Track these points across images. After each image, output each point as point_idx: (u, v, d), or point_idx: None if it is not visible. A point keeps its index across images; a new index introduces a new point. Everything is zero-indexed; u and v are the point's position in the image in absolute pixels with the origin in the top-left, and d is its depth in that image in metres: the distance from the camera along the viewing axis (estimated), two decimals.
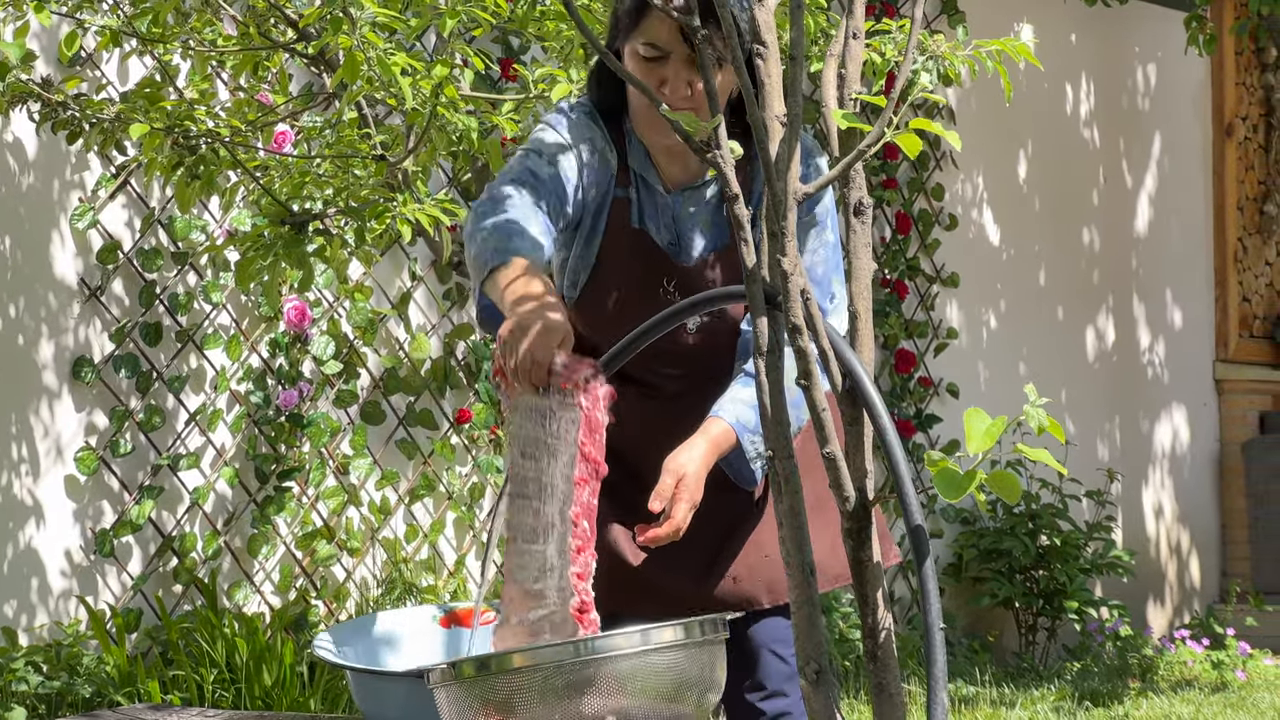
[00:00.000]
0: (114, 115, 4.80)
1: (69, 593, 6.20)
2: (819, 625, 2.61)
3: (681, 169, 3.59)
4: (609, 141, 3.57)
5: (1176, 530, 10.26)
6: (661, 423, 3.57)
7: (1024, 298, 9.55)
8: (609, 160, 3.55)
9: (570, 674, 2.67)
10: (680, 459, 3.36)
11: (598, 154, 3.53)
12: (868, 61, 4.88)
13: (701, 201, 3.60)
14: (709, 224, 3.60)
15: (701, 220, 3.60)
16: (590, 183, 3.52)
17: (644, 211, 3.60)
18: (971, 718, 7.00)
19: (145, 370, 6.39)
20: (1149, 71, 10.36)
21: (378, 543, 6.96)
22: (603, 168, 3.54)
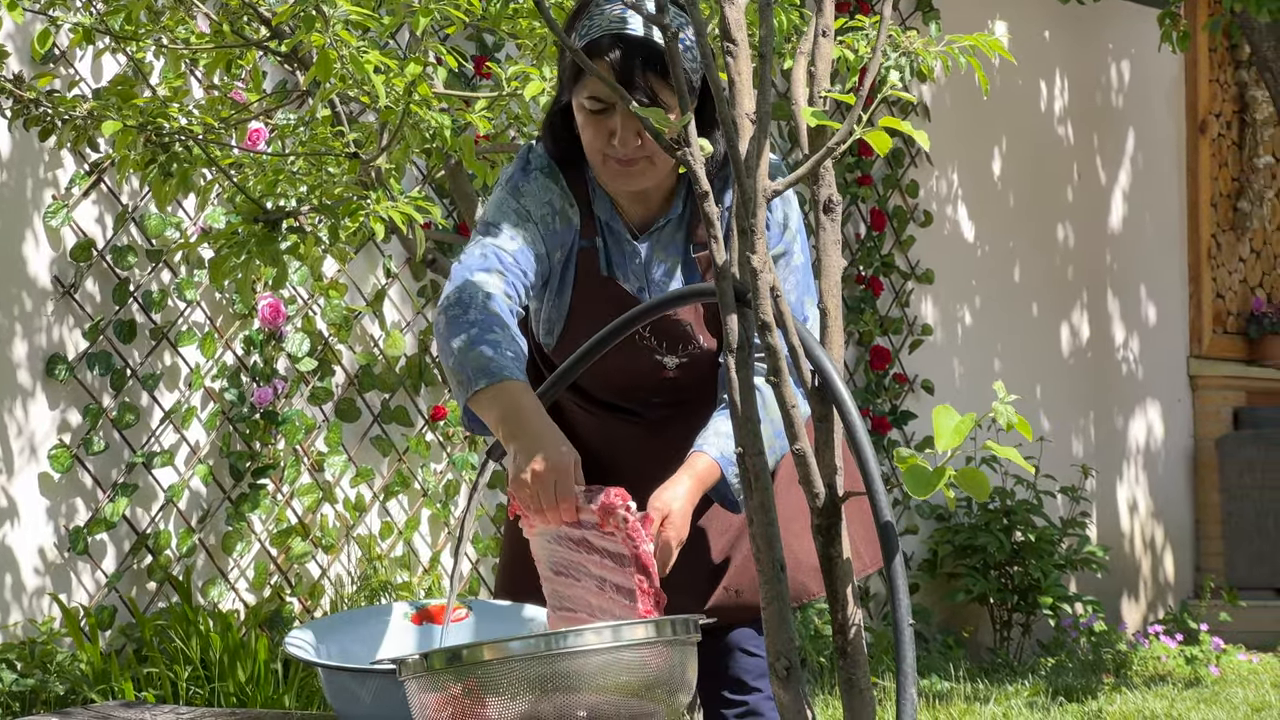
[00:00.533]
0: (87, 112, 4.80)
1: (43, 590, 6.20)
2: (789, 622, 2.62)
3: (645, 210, 3.55)
4: (569, 197, 3.53)
5: (1151, 526, 10.29)
6: (650, 447, 3.58)
7: (999, 294, 9.57)
8: (571, 218, 3.52)
9: (541, 667, 2.68)
10: (664, 496, 3.31)
11: (558, 215, 3.50)
12: (841, 59, 4.89)
13: (668, 244, 3.56)
14: (678, 265, 3.56)
15: (670, 263, 3.56)
16: (555, 246, 3.49)
17: (611, 259, 3.56)
18: (946, 713, 7.01)
19: (119, 368, 6.38)
20: (1123, 68, 10.39)
21: (352, 540, 6.96)
22: (565, 227, 3.51)
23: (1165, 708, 7.20)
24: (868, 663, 2.68)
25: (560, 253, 3.51)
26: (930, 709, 7.10)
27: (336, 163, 4.77)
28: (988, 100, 9.22)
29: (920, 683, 7.75)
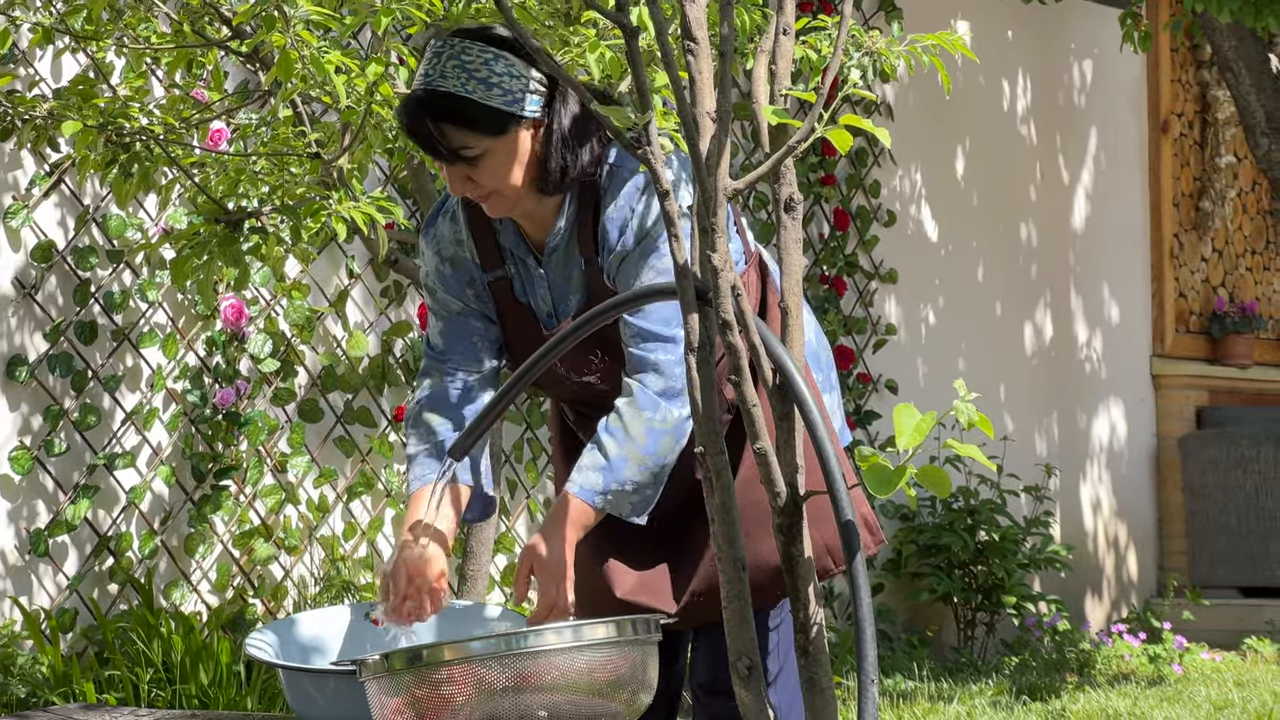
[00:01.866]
0: (47, 112, 4.78)
1: (3, 593, 6.17)
2: (750, 621, 2.62)
3: (542, 231, 3.57)
4: (459, 235, 3.60)
5: (1114, 525, 10.32)
6: None
7: (962, 293, 9.59)
8: (463, 256, 3.60)
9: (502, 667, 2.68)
10: (531, 543, 3.36)
11: (449, 260, 3.60)
12: (803, 58, 4.89)
13: (567, 261, 3.56)
14: (579, 283, 3.57)
15: (575, 278, 3.56)
16: (460, 290, 3.61)
17: (524, 285, 3.60)
18: (910, 713, 7.02)
19: (80, 369, 6.36)
20: (1085, 68, 10.41)
21: (316, 541, 6.95)
22: (461, 268, 3.60)
23: (1129, 706, 7.22)
24: (829, 662, 2.68)
25: (471, 290, 3.61)
26: (894, 708, 7.11)
27: (298, 163, 4.76)
28: (950, 100, 9.24)
29: (884, 682, 7.75)
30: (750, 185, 2.60)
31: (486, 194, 3.42)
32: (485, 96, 3.32)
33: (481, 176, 3.39)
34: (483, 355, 3.63)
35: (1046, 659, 8.56)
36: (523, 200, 3.45)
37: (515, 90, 3.35)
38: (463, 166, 3.38)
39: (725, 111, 2.60)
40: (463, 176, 3.40)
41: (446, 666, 2.68)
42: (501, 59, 3.35)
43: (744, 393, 2.60)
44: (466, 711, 2.69)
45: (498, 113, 3.34)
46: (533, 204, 3.48)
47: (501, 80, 3.34)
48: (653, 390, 3.39)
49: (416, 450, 3.60)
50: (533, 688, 2.68)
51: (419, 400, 3.62)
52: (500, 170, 3.38)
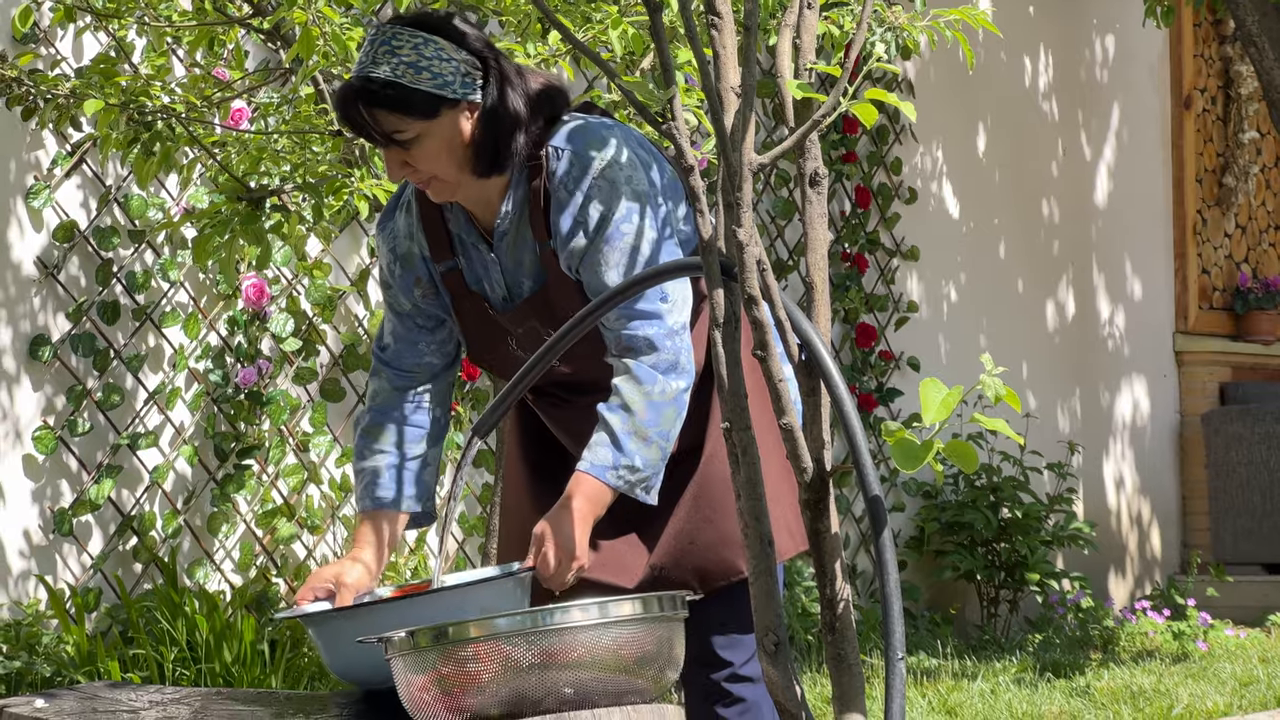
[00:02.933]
0: (69, 92, 4.78)
1: (28, 573, 6.18)
2: (777, 597, 2.61)
3: (489, 215, 3.59)
4: (410, 229, 3.64)
5: (1137, 502, 10.30)
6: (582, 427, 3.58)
7: (984, 270, 9.56)
8: (413, 249, 3.64)
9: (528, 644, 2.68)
10: (542, 521, 3.41)
11: (400, 258, 3.64)
12: (826, 34, 4.88)
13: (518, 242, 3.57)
14: (532, 266, 3.57)
15: (528, 260, 3.57)
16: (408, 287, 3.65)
17: (476, 274, 3.62)
18: (933, 690, 7.02)
19: (103, 349, 6.36)
20: (1107, 43, 10.38)
21: (338, 520, 6.95)
22: (410, 266, 3.64)
23: (1153, 683, 7.21)
24: (856, 638, 2.67)
25: (419, 289, 3.65)
26: (918, 686, 7.10)
27: (320, 141, 4.76)
28: (972, 76, 9.22)
29: (908, 659, 7.75)
30: (776, 159, 2.59)
31: (426, 179, 3.46)
32: (414, 80, 3.37)
33: (417, 161, 3.43)
34: (429, 360, 3.68)
35: (1070, 636, 8.55)
36: (463, 185, 3.49)
37: (445, 74, 3.40)
38: (398, 151, 3.42)
39: (750, 86, 2.59)
40: (399, 161, 3.44)
41: (472, 644, 2.68)
42: (431, 43, 3.40)
43: (769, 368, 2.59)
44: (493, 689, 2.68)
45: (428, 96, 3.39)
46: (476, 189, 3.51)
47: (430, 64, 3.39)
48: (648, 364, 3.41)
49: (363, 467, 3.65)
50: (559, 665, 2.68)
51: (370, 410, 3.69)
52: (434, 154, 3.42)
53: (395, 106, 3.38)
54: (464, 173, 3.46)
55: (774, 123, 8.34)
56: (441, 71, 3.40)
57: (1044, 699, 6.89)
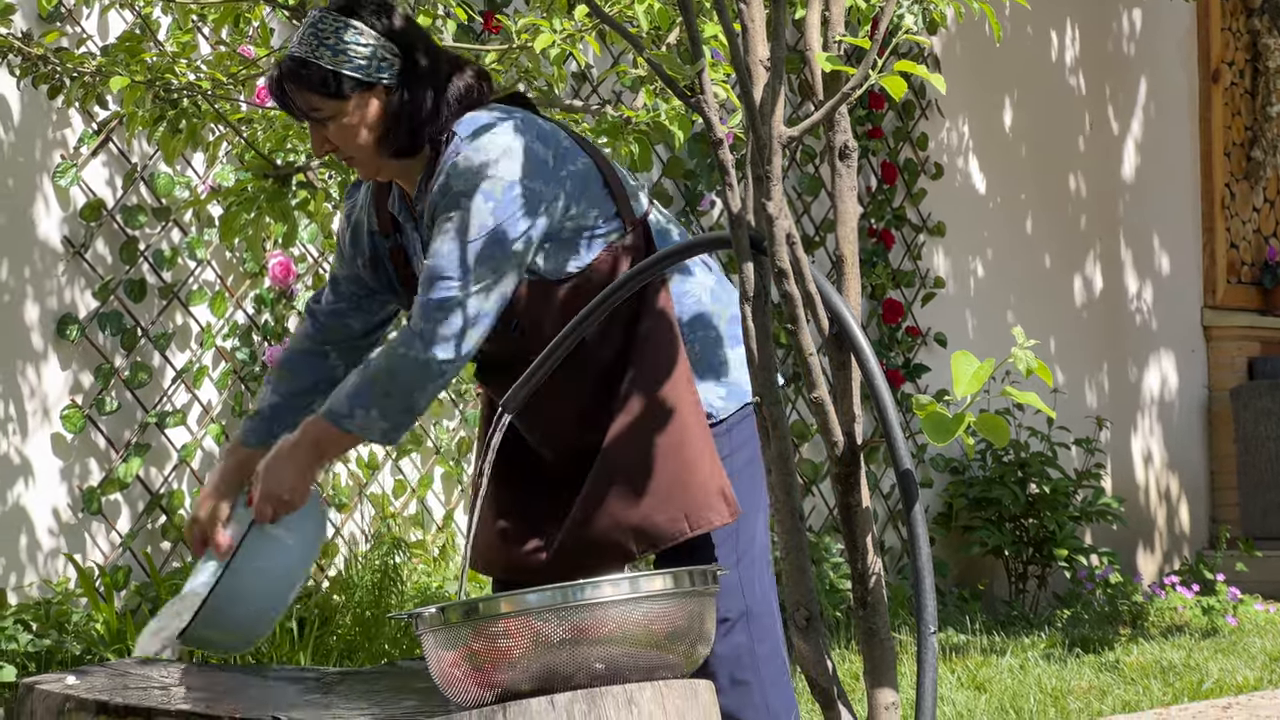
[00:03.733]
0: (95, 69, 4.78)
1: (57, 551, 6.19)
2: (808, 572, 2.60)
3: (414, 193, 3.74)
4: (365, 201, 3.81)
5: (1165, 477, 10.27)
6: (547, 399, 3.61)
7: (1011, 246, 9.54)
8: (363, 220, 3.80)
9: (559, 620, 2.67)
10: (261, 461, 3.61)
11: (352, 227, 3.82)
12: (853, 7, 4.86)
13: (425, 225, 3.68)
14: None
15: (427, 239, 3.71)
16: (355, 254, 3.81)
17: (410, 251, 3.76)
18: (962, 666, 7.01)
19: (130, 328, 6.37)
20: (1134, 17, 10.33)
21: (366, 498, 6.95)
22: (359, 236, 3.81)
23: (1183, 658, 7.20)
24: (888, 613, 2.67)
25: (362, 259, 3.81)
26: (947, 661, 7.10)
27: None
28: (998, 51, 9.19)
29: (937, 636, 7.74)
30: (805, 131, 2.58)
31: (345, 156, 3.64)
32: (333, 62, 3.57)
33: (333, 138, 3.61)
34: (349, 322, 3.85)
35: (1099, 612, 8.54)
36: (382, 164, 3.65)
37: (361, 57, 3.58)
38: (318, 128, 3.61)
39: (779, 59, 2.58)
40: (320, 137, 3.62)
41: (503, 619, 2.68)
42: (350, 28, 3.59)
43: (800, 341, 2.58)
44: (524, 664, 2.68)
45: (344, 78, 3.57)
46: (396, 169, 3.67)
47: (349, 48, 3.57)
48: (411, 327, 3.52)
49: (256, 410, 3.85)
50: (590, 640, 2.68)
51: (287, 351, 3.89)
52: (347, 132, 3.59)
53: (308, 85, 3.57)
54: (377, 152, 3.63)
55: (800, 99, 8.31)
56: (355, 55, 3.58)
57: (1073, 674, 6.88)
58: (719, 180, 2.63)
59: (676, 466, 3.61)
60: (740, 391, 3.71)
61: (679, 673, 2.77)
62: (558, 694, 2.66)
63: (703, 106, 2.61)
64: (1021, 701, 6.32)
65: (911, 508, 2.54)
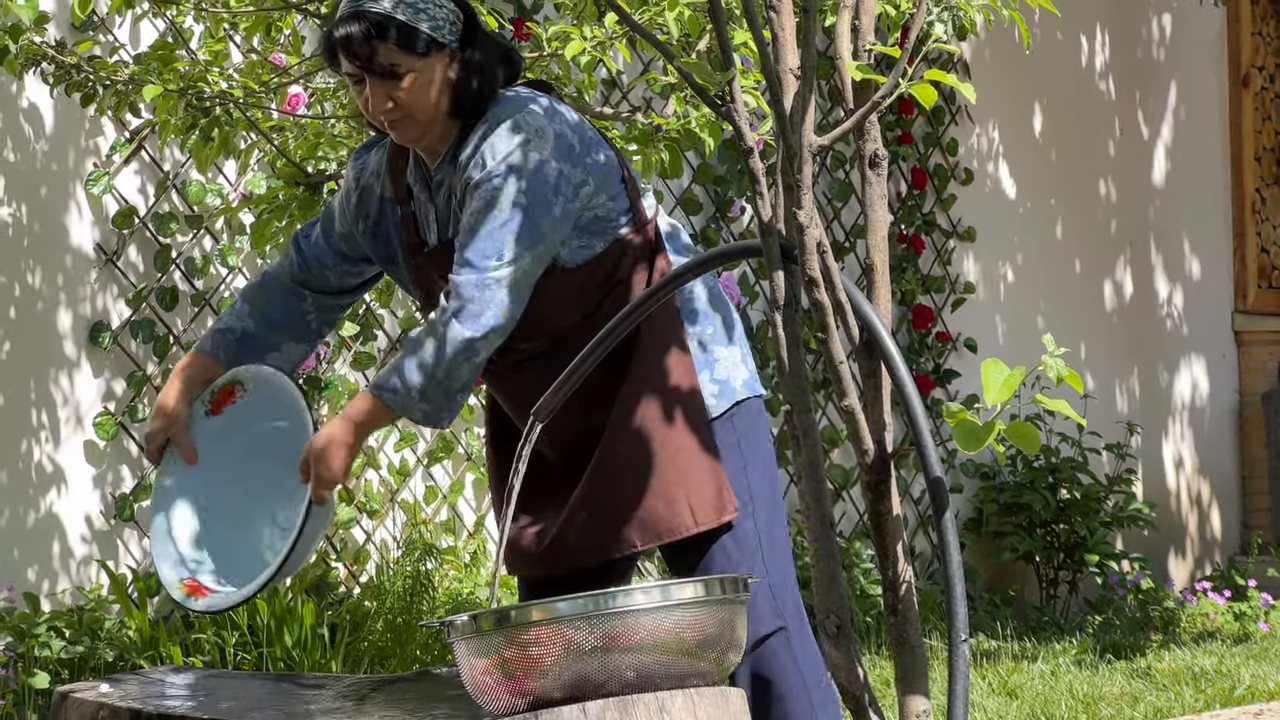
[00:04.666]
0: (128, 78, 4.80)
1: (90, 558, 6.22)
2: (839, 579, 2.61)
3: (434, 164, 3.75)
4: (379, 168, 3.82)
5: (1197, 482, 10.25)
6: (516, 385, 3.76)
7: (1041, 251, 9.52)
8: (374, 186, 3.82)
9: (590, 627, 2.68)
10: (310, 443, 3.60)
11: (362, 189, 3.83)
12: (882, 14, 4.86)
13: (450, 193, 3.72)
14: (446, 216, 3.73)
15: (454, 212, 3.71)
16: (356, 219, 3.83)
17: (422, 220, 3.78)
18: (993, 672, 7.00)
19: (162, 335, 6.39)
20: (1164, 22, 10.32)
21: (397, 505, 6.97)
22: (367, 200, 3.82)
23: (1215, 664, 7.18)
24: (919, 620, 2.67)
25: (364, 223, 3.82)
26: (978, 667, 7.09)
27: None
28: (1028, 56, 9.17)
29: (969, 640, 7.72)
30: (836, 140, 2.58)
31: (401, 116, 3.63)
32: (413, 20, 3.59)
33: (403, 96, 3.60)
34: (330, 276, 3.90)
35: (1130, 617, 8.52)
36: (433, 127, 3.66)
37: (439, 19, 3.61)
38: (388, 85, 3.60)
39: (809, 68, 2.59)
40: (385, 95, 3.61)
41: (534, 627, 2.69)
42: None
43: (830, 349, 2.59)
44: (555, 672, 2.69)
45: (424, 36, 3.60)
46: (439, 134, 3.68)
47: (427, 8, 3.61)
48: (450, 308, 3.55)
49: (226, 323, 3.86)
50: (621, 648, 2.68)
51: (262, 273, 3.93)
52: (421, 92, 3.60)
53: (396, 41, 3.58)
54: (441, 115, 3.64)
55: (830, 104, 8.31)
56: (435, 16, 3.61)
57: (1105, 680, 6.87)
58: (749, 186, 2.64)
59: (680, 459, 3.65)
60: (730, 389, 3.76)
61: (710, 680, 2.77)
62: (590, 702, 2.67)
63: (733, 115, 2.62)
64: (1053, 708, 6.31)
65: (942, 515, 2.54)
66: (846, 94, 2.76)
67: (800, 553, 7.61)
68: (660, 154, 4.80)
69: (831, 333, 2.59)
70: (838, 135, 2.59)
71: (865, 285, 2.77)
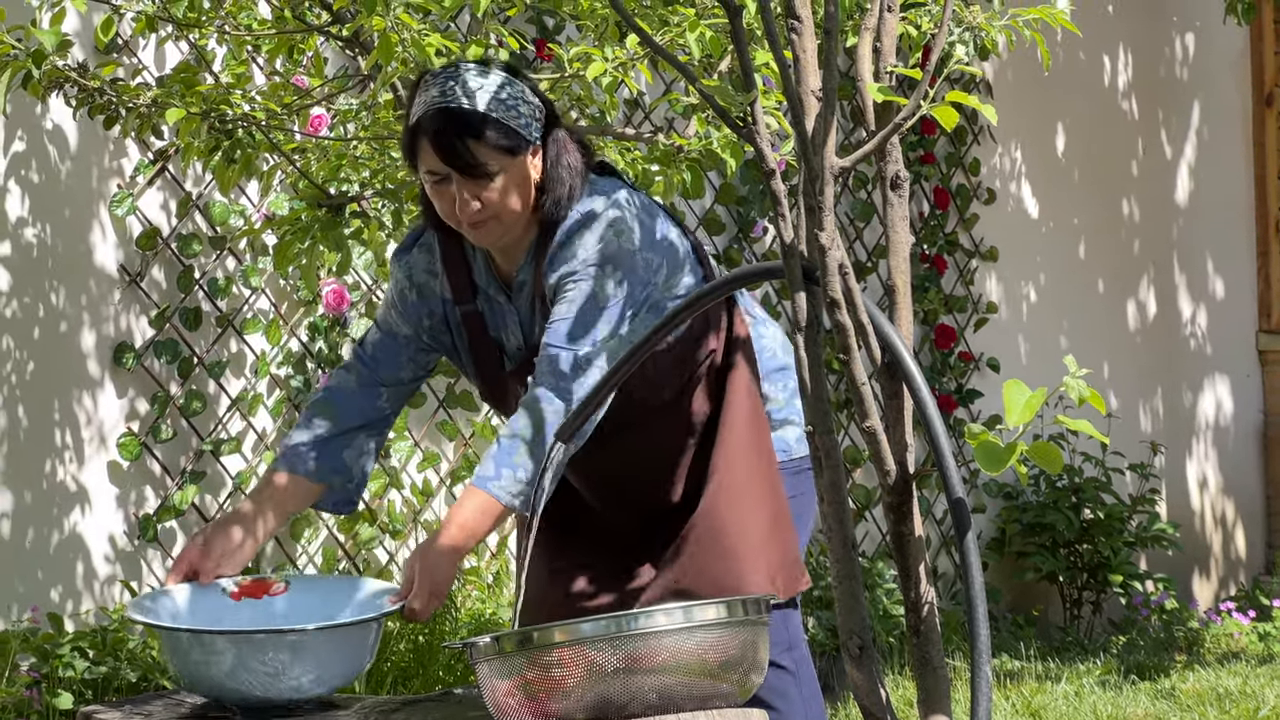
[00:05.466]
0: (151, 100, 4.81)
1: (114, 578, 6.23)
2: (861, 600, 2.61)
3: (511, 265, 3.70)
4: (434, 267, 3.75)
5: (1221, 502, 10.22)
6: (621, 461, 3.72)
7: (1064, 270, 9.51)
8: (432, 289, 3.75)
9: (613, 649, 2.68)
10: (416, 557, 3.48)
11: (417, 287, 3.76)
12: (904, 35, 4.87)
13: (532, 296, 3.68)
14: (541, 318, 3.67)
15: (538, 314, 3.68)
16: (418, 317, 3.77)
17: (495, 320, 3.73)
18: (1017, 692, 6.99)
19: (185, 356, 6.40)
20: (1187, 41, 10.31)
21: (420, 525, 6.97)
22: (427, 297, 3.76)
23: (1239, 685, 7.16)
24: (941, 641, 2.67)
25: (429, 320, 3.76)
26: (1001, 688, 7.08)
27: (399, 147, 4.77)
28: (1050, 76, 9.16)
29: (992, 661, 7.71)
30: (857, 162, 2.58)
31: (487, 217, 3.55)
32: (507, 118, 3.51)
33: (492, 196, 3.52)
34: (403, 374, 3.82)
35: (1154, 638, 8.50)
36: (514, 227, 3.59)
37: (526, 115, 3.55)
38: (477, 184, 3.51)
39: (830, 89, 2.59)
40: (473, 195, 3.52)
41: (557, 649, 2.69)
42: (513, 84, 3.55)
43: (852, 371, 2.59)
44: (578, 694, 2.69)
45: (515, 134, 3.52)
46: (517, 234, 3.61)
47: (517, 104, 3.53)
48: (544, 385, 3.51)
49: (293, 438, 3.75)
50: (644, 670, 2.69)
51: (324, 388, 3.82)
52: (509, 191, 3.52)
53: (489, 140, 3.49)
54: (525, 214, 3.57)
55: (852, 125, 8.32)
56: (524, 113, 3.53)
57: (1129, 701, 6.85)
58: (771, 207, 2.64)
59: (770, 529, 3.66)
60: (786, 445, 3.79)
61: (733, 701, 2.78)
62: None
63: (755, 136, 2.63)
64: None
65: (964, 536, 2.54)
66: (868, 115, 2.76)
67: (822, 573, 7.61)
68: (682, 174, 4.80)
69: (853, 354, 2.59)
70: (859, 157, 2.59)
71: (887, 306, 2.77)
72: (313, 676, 3.22)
